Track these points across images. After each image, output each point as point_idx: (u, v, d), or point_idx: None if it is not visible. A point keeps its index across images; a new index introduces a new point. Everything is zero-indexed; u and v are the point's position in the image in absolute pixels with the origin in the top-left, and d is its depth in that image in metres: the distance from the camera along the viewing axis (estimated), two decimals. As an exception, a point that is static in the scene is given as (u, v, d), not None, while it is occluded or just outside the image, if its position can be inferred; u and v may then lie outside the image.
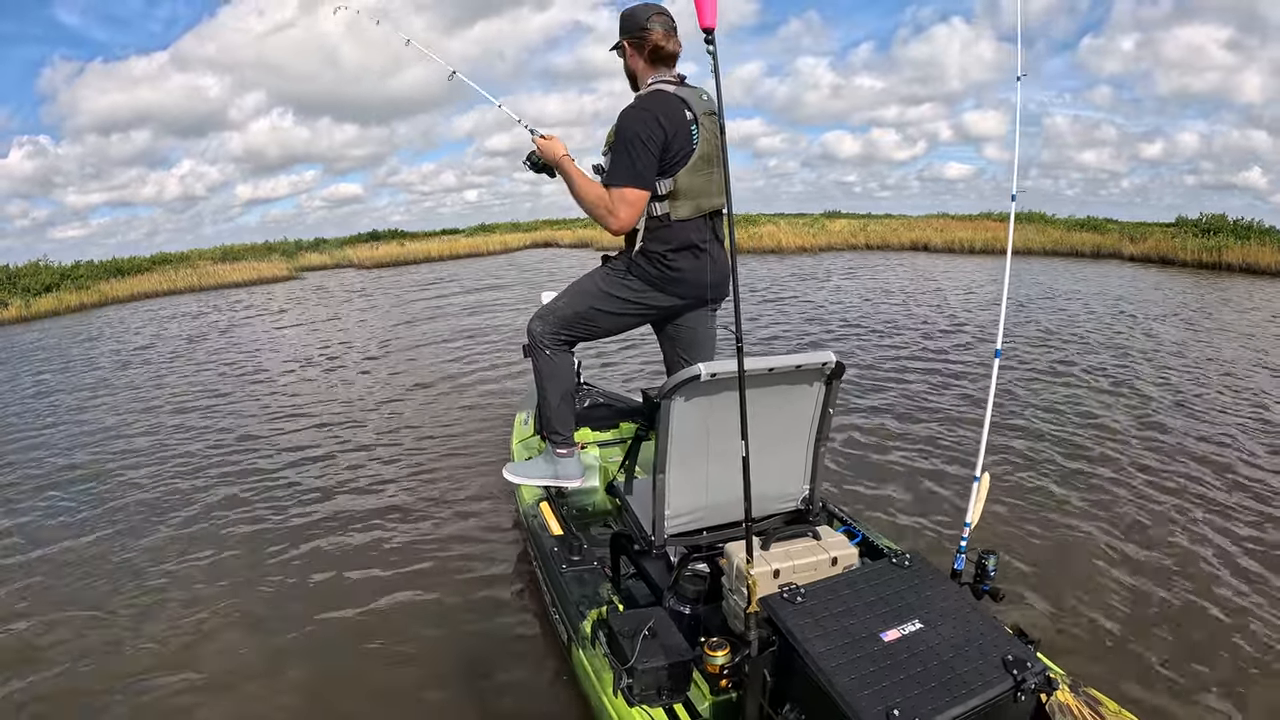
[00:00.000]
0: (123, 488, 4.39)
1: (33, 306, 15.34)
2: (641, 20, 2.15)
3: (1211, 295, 11.24)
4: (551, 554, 2.38)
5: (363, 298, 14.43)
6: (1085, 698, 1.54)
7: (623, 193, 2.08)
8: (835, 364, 1.82)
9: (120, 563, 3.40)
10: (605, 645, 1.76)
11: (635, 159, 2.05)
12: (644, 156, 2.05)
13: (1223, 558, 3.00)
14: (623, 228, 2.14)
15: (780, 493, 2.03)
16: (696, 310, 2.36)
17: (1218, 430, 4.60)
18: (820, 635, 1.45)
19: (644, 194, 2.09)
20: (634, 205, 2.09)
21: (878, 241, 20.26)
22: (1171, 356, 6.71)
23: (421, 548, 3.38)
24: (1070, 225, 20.25)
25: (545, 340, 2.35)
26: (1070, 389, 5.61)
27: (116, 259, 21.52)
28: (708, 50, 1.47)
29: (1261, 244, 14.79)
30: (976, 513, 1.96)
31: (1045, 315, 8.97)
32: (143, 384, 7.51)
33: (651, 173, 2.08)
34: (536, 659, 2.48)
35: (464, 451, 4.67)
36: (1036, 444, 4.36)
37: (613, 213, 2.10)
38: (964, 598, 1.59)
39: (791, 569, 1.71)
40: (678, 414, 1.75)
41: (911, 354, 6.91)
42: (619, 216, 2.10)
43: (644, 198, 2.10)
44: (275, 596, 3.03)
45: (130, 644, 2.73)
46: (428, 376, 6.93)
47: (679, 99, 2.11)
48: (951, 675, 1.35)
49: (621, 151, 2.07)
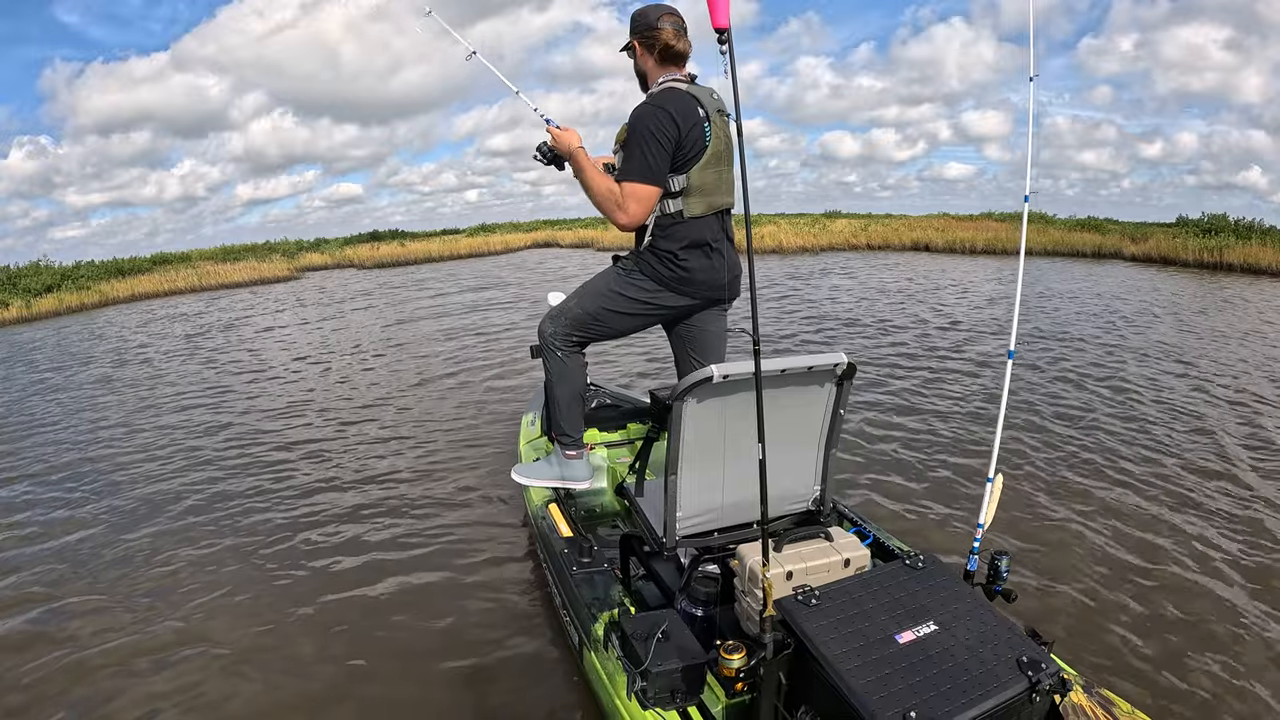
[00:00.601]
0: (120, 483, 4.40)
1: (33, 307, 15.34)
2: (652, 20, 2.16)
3: (1215, 295, 11.24)
4: (561, 556, 2.38)
5: (363, 297, 14.41)
6: (1099, 699, 1.54)
7: (634, 188, 2.07)
8: (847, 365, 1.82)
9: (120, 552, 3.47)
10: (619, 648, 1.76)
11: (648, 154, 2.04)
12: (657, 152, 2.04)
13: (1236, 560, 2.99)
14: (632, 223, 2.12)
15: (792, 493, 2.03)
16: (707, 311, 2.35)
17: (1229, 433, 4.58)
18: (835, 637, 1.45)
19: (655, 190, 2.08)
20: (644, 201, 2.09)
21: (879, 242, 20.25)
22: (1177, 359, 6.69)
23: (428, 549, 3.38)
24: (1071, 226, 20.25)
25: (557, 341, 2.33)
26: (1080, 390, 5.59)
27: (117, 259, 21.61)
28: (721, 51, 1.45)
29: (1263, 244, 14.79)
30: (989, 514, 1.96)
31: (1049, 316, 8.97)
32: (143, 382, 7.50)
33: (664, 169, 2.07)
34: (547, 662, 2.48)
35: (470, 453, 4.66)
36: (1049, 444, 4.35)
37: (622, 207, 2.09)
38: (978, 599, 1.59)
39: (804, 570, 1.72)
40: (690, 415, 1.75)
41: (918, 353, 6.91)
42: (628, 211, 2.09)
43: (655, 194, 2.09)
44: (278, 600, 3.03)
45: (133, 629, 2.81)
46: (431, 376, 6.93)
47: (691, 96, 2.12)
48: (966, 677, 1.36)
49: (634, 147, 2.06)
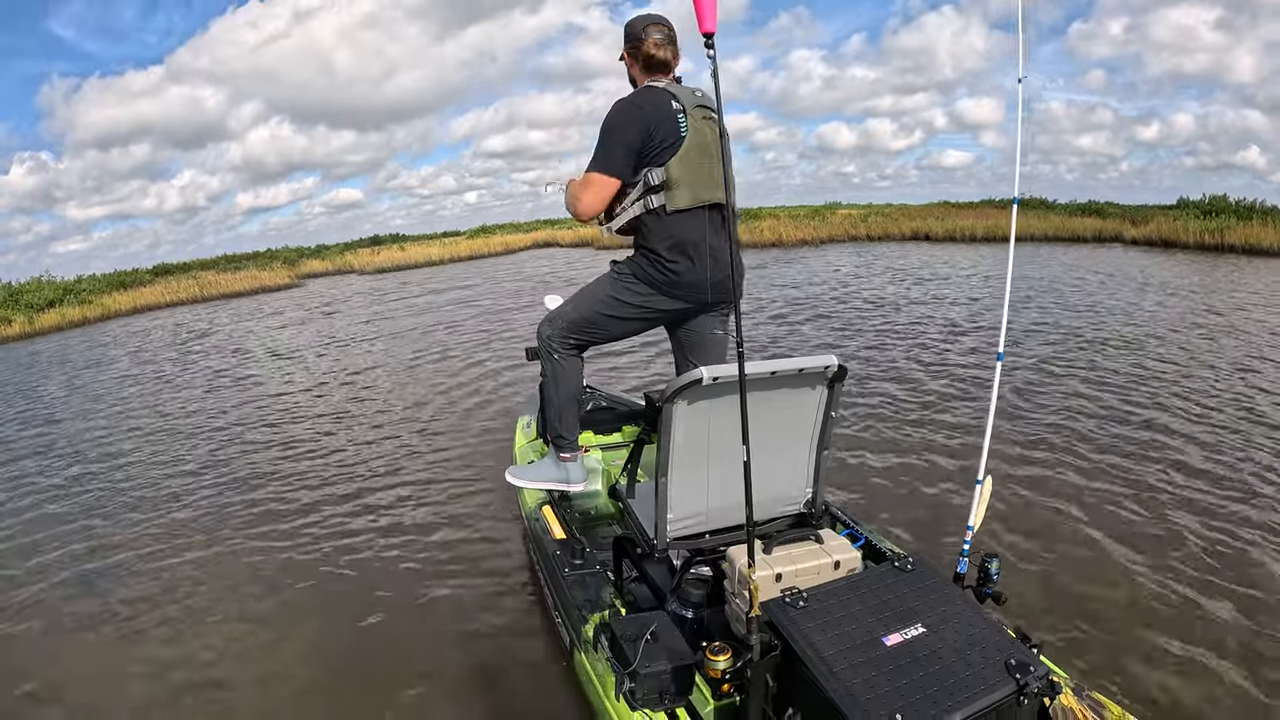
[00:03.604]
0: (114, 489, 4.43)
1: (36, 322, 15.42)
2: (637, 30, 2.23)
3: (1215, 277, 11.16)
4: (554, 557, 2.38)
5: (362, 302, 14.46)
6: (1089, 701, 1.52)
7: (590, 176, 2.16)
8: (838, 367, 1.81)
9: (121, 557, 3.51)
10: (608, 649, 1.76)
11: (608, 146, 2.12)
12: (619, 143, 2.11)
13: (1233, 560, 2.94)
14: (587, 212, 2.20)
15: (783, 496, 2.02)
16: (705, 314, 2.34)
17: (1228, 429, 4.45)
18: (823, 639, 1.44)
19: (611, 180, 2.14)
20: (599, 189, 2.15)
21: (878, 232, 20.18)
22: (1177, 348, 6.58)
23: (421, 551, 3.38)
24: (1071, 210, 20.15)
25: (554, 344, 2.36)
26: (1073, 385, 5.49)
27: (119, 272, 21.77)
28: (708, 55, 1.49)
29: (1264, 224, 14.69)
30: (979, 516, 1.94)
31: (1047, 308, 8.84)
32: (148, 394, 7.53)
33: (620, 160, 2.12)
34: (538, 662, 2.48)
35: (465, 454, 4.66)
36: (1039, 444, 4.26)
37: (577, 197, 2.19)
38: (967, 601, 1.58)
39: (794, 572, 1.70)
40: (680, 418, 1.74)
41: (911, 351, 6.82)
42: (583, 200, 2.18)
43: (611, 184, 2.15)
44: (270, 598, 3.04)
45: (121, 633, 2.86)
46: (427, 378, 6.95)
47: (666, 92, 2.15)
48: (954, 679, 1.34)
49: (599, 140, 2.15)
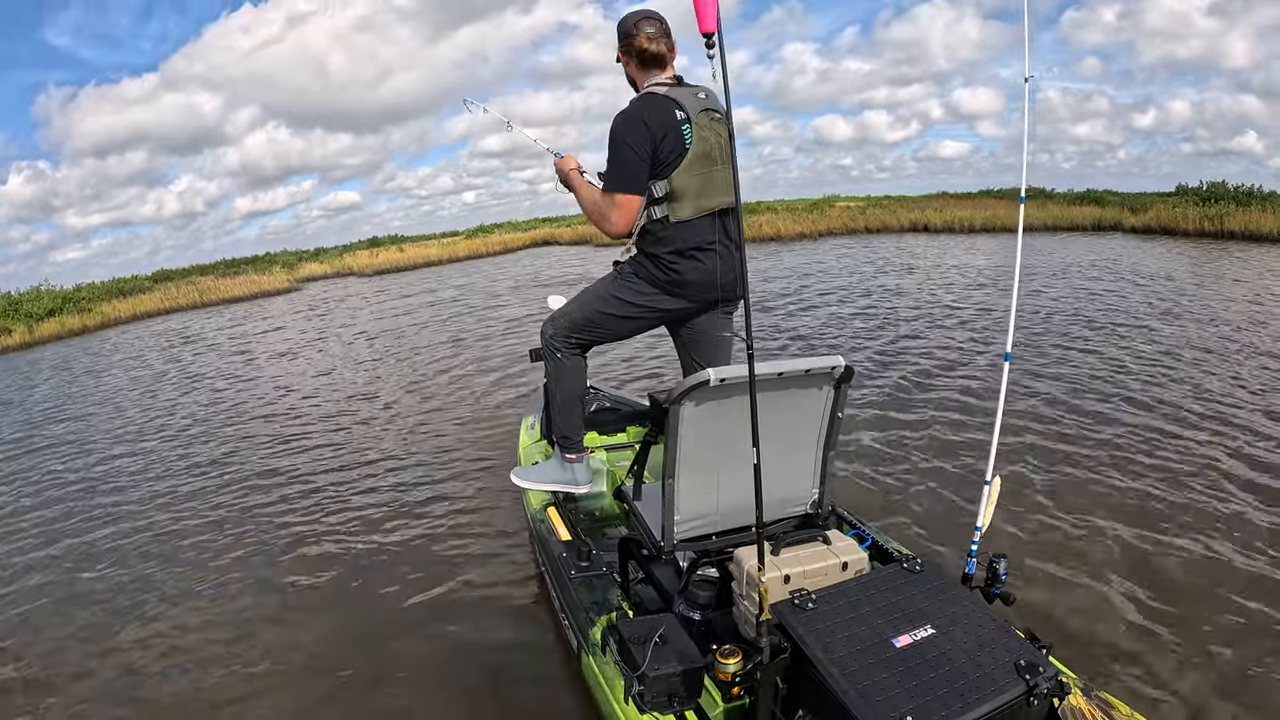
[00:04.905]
0: (115, 490, 4.43)
1: (36, 332, 15.42)
2: (629, 26, 2.19)
3: (1214, 264, 11.12)
4: (560, 560, 2.37)
5: (362, 304, 14.45)
6: (1098, 702, 1.52)
7: (613, 198, 2.15)
8: (844, 368, 1.80)
9: (143, 568, 3.47)
10: (616, 652, 1.75)
11: (623, 164, 2.11)
12: (633, 162, 2.10)
13: (1239, 560, 2.90)
14: (617, 231, 2.20)
15: (790, 497, 2.02)
16: (709, 314, 2.33)
17: (1237, 424, 4.37)
18: (831, 641, 1.44)
19: (635, 198, 2.14)
20: (626, 209, 2.15)
21: (877, 225, 20.11)
22: (1181, 342, 6.47)
23: (426, 553, 3.38)
24: (1070, 199, 20.09)
25: (557, 344, 2.36)
26: (1079, 380, 5.41)
27: (118, 279, 21.77)
28: (708, 55, 1.45)
29: (1263, 210, 14.64)
30: (987, 516, 1.94)
31: (1051, 300, 8.74)
32: (148, 402, 7.53)
33: (641, 176, 2.11)
34: (545, 666, 2.48)
35: (469, 456, 4.66)
36: (1048, 442, 4.20)
37: (606, 217, 2.19)
38: (975, 602, 1.58)
39: (802, 574, 1.70)
40: (687, 419, 1.74)
41: (918, 349, 6.72)
42: (612, 220, 2.18)
43: (635, 201, 2.14)
44: (273, 601, 3.05)
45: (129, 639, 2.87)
46: (430, 380, 6.95)
47: (669, 100, 2.11)
48: (964, 681, 1.35)
49: (612, 158, 2.13)
